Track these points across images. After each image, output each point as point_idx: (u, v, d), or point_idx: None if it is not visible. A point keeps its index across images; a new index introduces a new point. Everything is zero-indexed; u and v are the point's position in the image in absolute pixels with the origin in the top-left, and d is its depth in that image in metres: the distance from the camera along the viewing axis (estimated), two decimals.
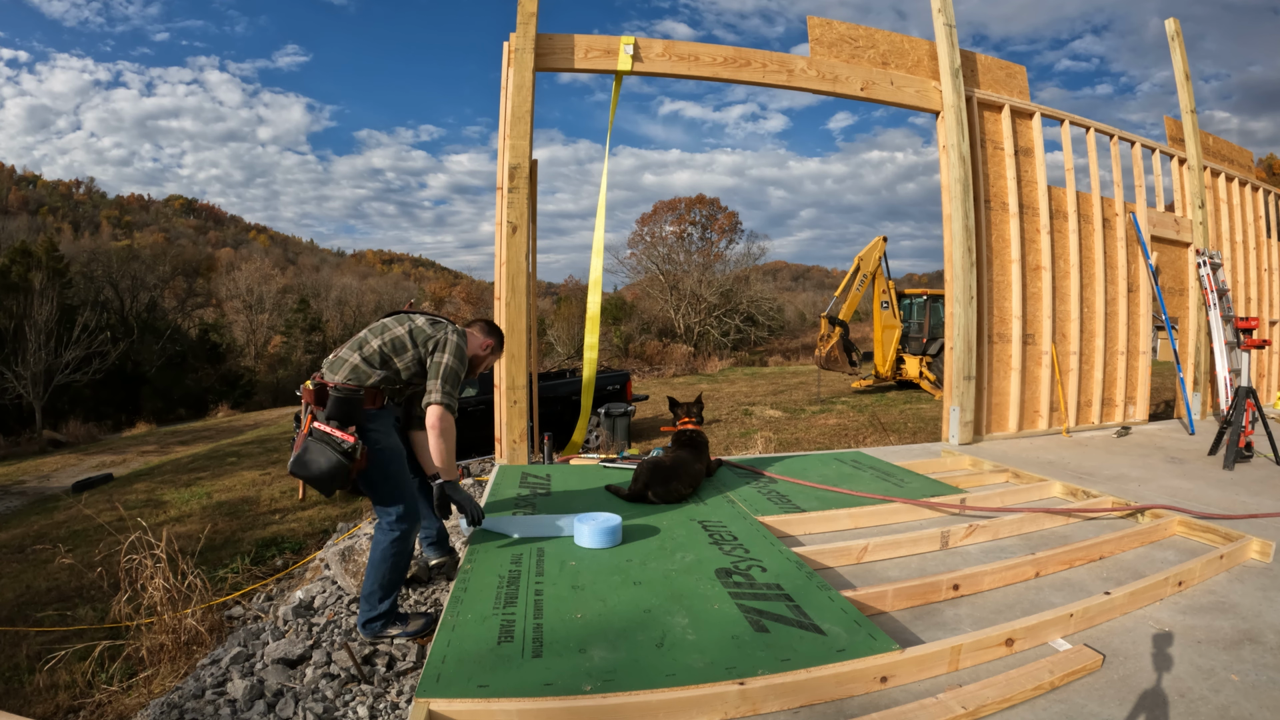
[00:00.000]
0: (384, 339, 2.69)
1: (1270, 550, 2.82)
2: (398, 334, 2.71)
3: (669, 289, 33.84)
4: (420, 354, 2.70)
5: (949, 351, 5.57)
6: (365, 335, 2.71)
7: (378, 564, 2.58)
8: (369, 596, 2.61)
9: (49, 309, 21.83)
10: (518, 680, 1.74)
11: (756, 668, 1.81)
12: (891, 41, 5.54)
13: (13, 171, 70.61)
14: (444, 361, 2.65)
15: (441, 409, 2.62)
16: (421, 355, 2.70)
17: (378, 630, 2.62)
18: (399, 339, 2.70)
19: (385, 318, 2.82)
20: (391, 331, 2.71)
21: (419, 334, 2.72)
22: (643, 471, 3.46)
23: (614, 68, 4.75)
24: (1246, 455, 4.86)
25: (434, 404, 2.61)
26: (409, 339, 2.71)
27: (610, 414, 9.21)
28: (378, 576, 2.58)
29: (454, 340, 2.71)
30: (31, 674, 3.62)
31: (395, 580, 2.61)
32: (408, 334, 2.71)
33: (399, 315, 2.82)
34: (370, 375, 2.60)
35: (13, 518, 9.16)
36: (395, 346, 2.69)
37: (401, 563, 2.61)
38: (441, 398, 2.62)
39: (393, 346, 2.69)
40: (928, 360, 15.22)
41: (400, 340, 2.70)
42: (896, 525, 3.33)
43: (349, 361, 2.62)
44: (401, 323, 2.76)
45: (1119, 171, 6.47)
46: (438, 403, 2.60)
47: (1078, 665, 1.91)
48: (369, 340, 2.68)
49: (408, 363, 2.70)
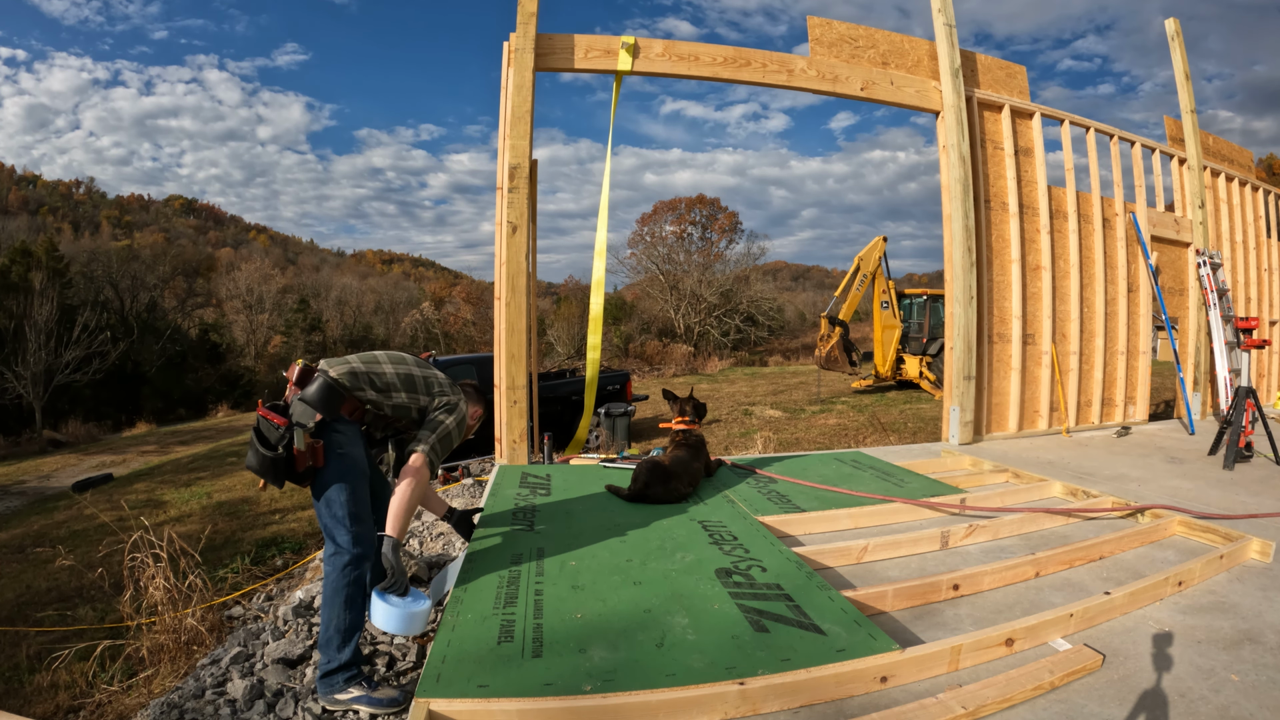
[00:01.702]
0: (399, 370, 2.56)
1: (1270, 550, 2.82)
2: (415, 375, 2.59)
3: (669, 289, 33.85)
4: (424, 404, 2.58)
5: (949, 351, 5.57)
6: (379, 355, 2.61)
7: (330, 600, 2.27)
8: (327, 644, 2.23)
9: (49, 309, 21.83)
10: (518, 680, 1.74)
11: (756, 668, 1.81)
12: (891, 41, 5.54)
13: (13, 171, 70.65)
14: (447, 423, 2.53)
15: (425, 459, 2.45)
16: (425, 406, 2.57)
17: (337, 686, 2.18)
18: (414, 379, 2.58)
19: (400, 352, 2.70)
20: (410, 369, 2.59)
21: (435, 386, 2.61)
22: (642, 472, 3.46)
23: (614, 68, 4.75)
24: (1246, 455, 4.86)
25: (419, 451, 2.44)
26: (424, 385, 2.59)
27: (610, 414, 9.21)
28: (332, 617, 2.25)
29: (462, 410, 2.61)
30: (32, 674, 3.62)
31: (355, 621, 2.27)
32: (423, 380, 2.59)
33: (420, 361, 2.72)
34: (361, 390, 2.46)
35: (13, 518, 9.16)
36: (406, 383, 2.56)
37: (358, 598, 2.29)
38: (429, 449, 2.46)
39: (405, 382, 2.55)
40: (928, 360, 15.23)
41: (414, 381, 2.58)
42: (896, 525, 3.33)
43: (351, 366, 2.50)
44: (424, 368, 2.65)
45: (1119, 171, 6.48)
46: (424, 452, 2.44)
47: (1078, 665, 1.91)
48: (381, 363, 2.56)
49: (404, 404, 2.55)
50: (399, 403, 2.54)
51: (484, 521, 3.10)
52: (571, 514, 3.23)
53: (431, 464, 2.45)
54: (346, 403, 2.43)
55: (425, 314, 34.84)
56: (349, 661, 2.21)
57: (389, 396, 2.52)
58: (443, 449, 2.52)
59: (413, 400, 2.57)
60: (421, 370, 2.63)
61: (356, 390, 2.44)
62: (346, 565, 2.29)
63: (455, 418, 2.57)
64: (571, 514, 3.23)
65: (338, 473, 2.34)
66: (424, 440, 2.46)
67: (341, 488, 2.34)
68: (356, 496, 2.36)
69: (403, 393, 2.55)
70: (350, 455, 2.39)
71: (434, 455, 2.48)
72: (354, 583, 2.30)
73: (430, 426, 2.50)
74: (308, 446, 2.30)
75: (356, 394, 2.44)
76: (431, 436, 2.49)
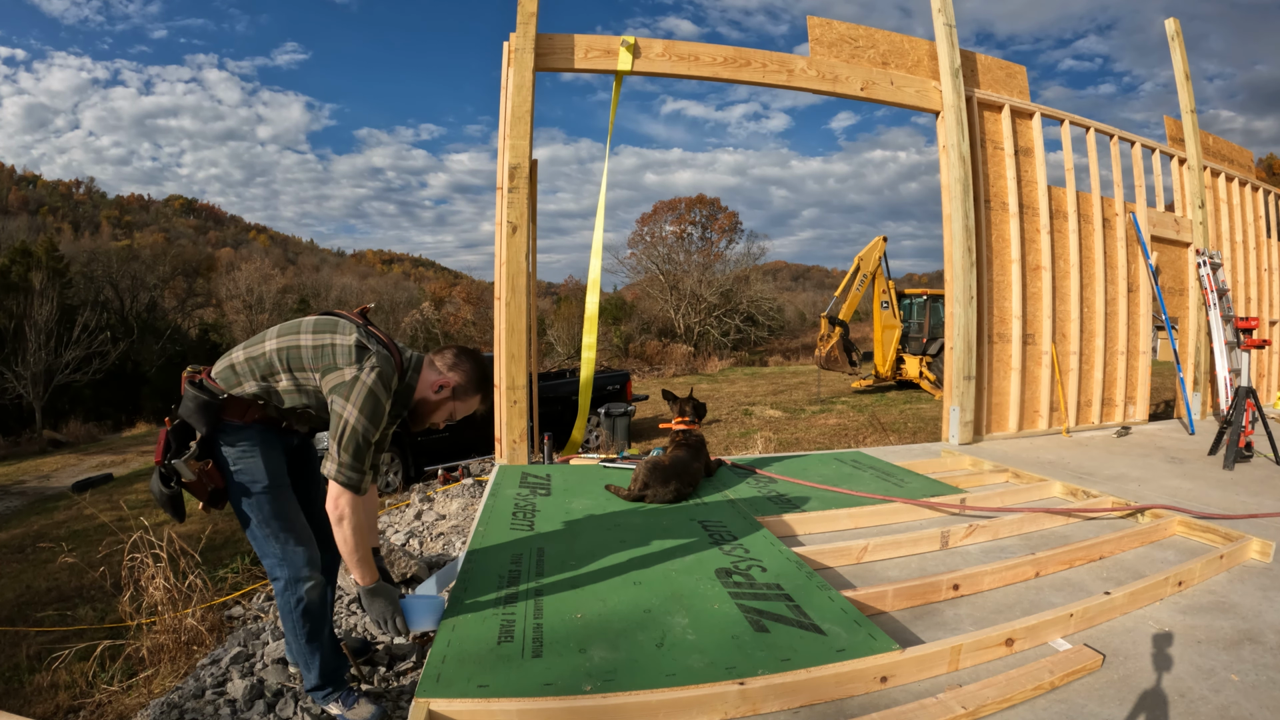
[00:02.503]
0: (281, 345, 2.02)
1: (1270, 550, 2.82)
2: (299, 345, 2.01)
3: (669, 289, 33.85)
4: (317, 385, 1.99)
5: (949, 351, 5.57)
6: (267, 332, 2.09)
7: (288, 629, 2.10)
8: (306, 664, 2.13)
9: (49, 309, 21.85)
10: (518, 680, 1.74)
11: (756, 668, 1.81)
12: (891, 41, 5.54)
13: (13, 171, 70.72)
14: (346, 417, 1.88)
15: (339, 489, 1.89)
16: (319, 388, 1.98)
17: (319, 700, 2.18)
18: (297, 352, 2.00)
19: (313, 315, 2.13)
20: (295, 340, 2.02)
21: (324, 356, 1.97)
22: (642, 472, 3.46)
23: (614, 68, 4.75)
24: (1246, 455, 4.86)
25: (329, 478, 1.90)
26: (309, 357, 1.99)
27: (610, 414, 9.22)
28: (295, 643, 2.10)
29: (367, 382, 1.90)
30: (32, 674, 3.62)
31: (313, 649, 2.08)
32: (314, 351, 1.99)
33: (330, 318, 2.10)
34: (242, 384, 2.01)
35: (13, 518, 9.16)
36: (290, 360, 2.00)
37: (310, 624, 2.06)
38: (338, 470, 1.88)
39: (287, 359, 2.00)
40: (928, 360, 15.23)
41: (297, 354, 2.00)
42: (896, 525, 3.33)
43: (230, 358, 2.06)
44: (321, 332, 2.03)
45: (1119, 171, 6.48)
46: (333, 478, 1.89)
47: (1078, 665, 1.91)
48: (266, 340, 2.05)
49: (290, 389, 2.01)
50: (286, 388, 2.02)
51: (484, 521, 3.10)
52: (571, 514, 3.23)
53: (348, 484, 1.90)
54: (231, 406, 2.01)
55: (425, 314, 34.84)
56: (320, 684, 2.14)
57: (272, 383, 2.02)
58: (357, 454, 1.90)
59: (302, 382, 2.01)
60: (319, 338, 2.01)
61: (235, 387, 2.01)
62: (284, 591, 2.05)
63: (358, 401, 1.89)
64: (571, 514, 3.23)
65: (241, 490, 2.02)
66: (327, 460, 1.90)
67: (252, 506, 2.02)
68: (277, 510, 2.04)
69: (284, 374, 2.01)
70: (252, 467, 2.02)
71: (348, 473, 1.89)
72: (299, 608, 2.05)
73: (331, 429, 1.91)
74: (198, 473, 1.96)
75: (235, 392, 2.01)
76: (333, 446, 1.89)
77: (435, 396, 2.13)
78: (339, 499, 1.90)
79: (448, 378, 2.13)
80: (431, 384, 2.12)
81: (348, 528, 1.92)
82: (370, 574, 2.02)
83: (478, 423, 2.90)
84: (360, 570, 1.98)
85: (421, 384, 2.12)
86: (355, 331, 2.02)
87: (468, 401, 2.17)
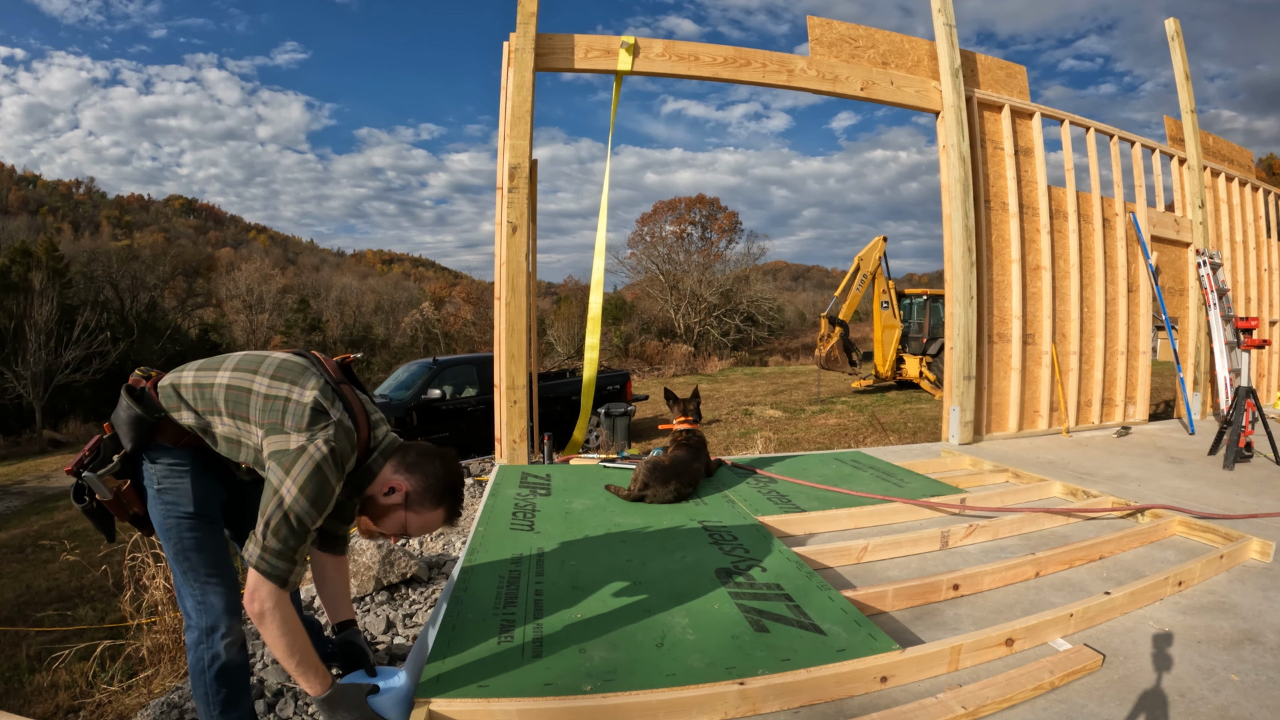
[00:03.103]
0: (233, 381, 1.70)
1: (1270, 550, 2.82)
2: (250, 390, 1.68)
3: (669, 289, 33.88)
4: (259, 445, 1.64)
5: (949, 351, 5.58)
6: (229, 359, 1.80)
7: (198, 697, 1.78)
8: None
9: (49, 309, 21.85)
10: (518, 680, 1.74)
11: (756, 668, 1.81)
12: (891, 41, 5.54)
13: (12, 171, 70.69)
14: (282, 494, 1.52)
15: (260, 579, 1.51)
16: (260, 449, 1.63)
17: None
18: (245, 397, 1.68)
19: (283, 354, 1.78)
20: (248, 380, 1.69)
21: (272, 412, 1.62)
22: (642, 472, 3.46)
23: (614, 68, 4.75)
24: (1246, 455, 4.86)
25: (250, 565, 1.53)
26: (257, 408, 1.66)
27: (610, 414, 9.22)
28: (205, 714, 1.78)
29: (315, 457, 1.54)
30: (32, 674, 3.63)
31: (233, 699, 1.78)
32: (263, 401, 1.65)
33: (298, 364, 1.73)
34: (180, 411, 1.74)
35: (13, 518, 9.16)
36: (234, 405, 1.69)
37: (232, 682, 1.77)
38: (261, 557, 1.52)
39: (233, 402, 1.69)
40: (928, 360, 15.24)
41: (245, 400, 1.67)
42: (896, 525, 3.33)
43: (180, 376, 1.78)
44: (280, 379, 1.67)
45: (1119, 171, 6.48)
46: (254, 565, 1.52)
47: (1078, 665, 1.91)
48: (220, 370, 1.75)
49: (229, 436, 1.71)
50: (224, 434, 1.71)
51: (484, 521, 3.10)
52: (571, 514, 3.23)
53: (272, 574, 1.52)
54: (167, 428, 1.75)
55: (425, 314, 34.86)
56: None
57: (210, 421, 1.72)
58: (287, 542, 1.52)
59: (242, 434, 1.69)
60: (274, 386, 1.66)
61: (173, 410, 1.74)
62: (196, 644, 1.76)
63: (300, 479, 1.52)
64: (571, 514, 3.23)
65: (161, 514, 1.75)
66: (250, 543, 1.54)
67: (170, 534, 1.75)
68: (199, 543, 1.76)
69: (225, 418, 1.70)
70: (178, 489, 1.75)
71: (272, 562, 1.52)
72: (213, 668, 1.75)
73: (263, 505, 1.53)
74: (114, 491, 1.73)
75: (173, 415, 1.74)
76: (260, 527, 1.52)
77: (384, 500, 1.72)
78: (258, 590, 1.51)
79: (399, 481, 1.71)
80: (382, 484, 1.72)
81: (273, 627, 1.52)
82: (318, 681, 1.58)
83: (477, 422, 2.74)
84: (304, 678, 1.57)
85: (377, 479, 1.72)
86: (318, 388, 1.65)
87: (423, 515, 1.72)
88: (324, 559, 1.93)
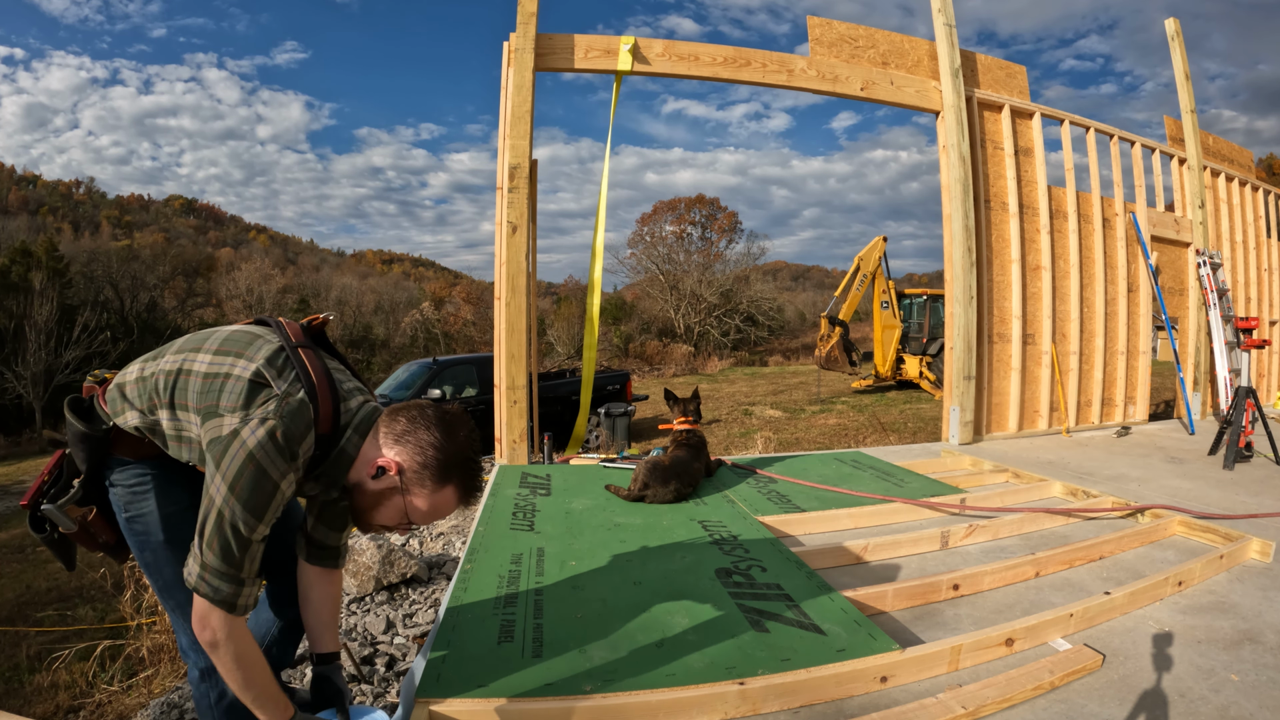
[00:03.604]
0: (174, 364, 1.43)
1: (1270, 550, 2.82)
2: (190, 370, 1.40)
3: (669, 289, 33.89)
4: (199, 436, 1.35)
5: (949, 351, 5.58)
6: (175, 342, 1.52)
7: None
8: None
9: (49, 309, 21.87)
10: (518, 680, 1.74)
11: (756, 668, 1.81)
12: (891, 41, 5.54)
13: (12, 171, 70.65)
14: (213, 495, 1.25)
15: (206, 606, 1.27)
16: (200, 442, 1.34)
17: None
18: (185, 379, 1.40)
19: (241, 324, 1.54)
20: (191, 359, 1.42)
21: (209, 393, 1.35)
22: (642, 472, 3.46)
23: (614, 68, 4.75)
24: (1246, 455, 4.86)
25: (191, 589, 1.28)
26: (195, 390, 1.38)
27: (610, 414, 9.23)
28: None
29: (249, 444, 1.25)
30: (32, 674, 3.62)
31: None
32: (202, 381, 1.37)
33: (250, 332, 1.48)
34: (124, 413, 1.46)
35: (13, 518, 9.16)
36: (175, 390, 1.41)
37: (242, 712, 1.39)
38: (200, 577, 1.26)
39: (172, 387, 1.41)
40: (928, 360, 15.25)
41: (184, 382, 1.40)
42: (896, 525, 3.33)
43: (127, 374, 1.50)
44: (225, 353, 1.41)
45: (1119, 171, 6.48)
46: (194, 588, 1.27)
47: (1078, 665, 1.91)
48: (164, 354, 1.48)
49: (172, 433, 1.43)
50: (168, 430, 1.43)
51: (484, 521, 3.10)
52: (571, 514, 3.24)
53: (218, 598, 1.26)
54: (122, 441, 1.48)
55: (425, 314, 34.86)
56: None
57: (156, 418, 1.44)
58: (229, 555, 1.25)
59: (183, 427, 1.42)
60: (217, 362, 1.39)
61: (119, 415, 1.47)
62: (200, 681, 1.60)
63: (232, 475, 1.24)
64: (571, 514, 3.24)
65: (137, 545, 1.52)
66: (190, 554, 1.28)
67: (151, 566, 1.53)
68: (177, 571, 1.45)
69: (165, 410, 1.42)
70: (146, 514, 1.50)
71: (216, 581, 1.25)
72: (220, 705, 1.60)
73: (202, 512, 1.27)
74: (78, 522, 1.50)
75: (119, 421, 1.47)
76: (197, 541, 1.27)
77: (373, 485, 1.37)
78: (206, 617, 1.27)
79: (388, 458, 1.36)
80: (367, 464, 1.38)
81: (226, 659, 1.29)
82: (278, 714, 1.35)
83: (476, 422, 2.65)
84: (262, 712, 1.34)
85: (359, 459, 1.39)
86: (266, 357, 1.37)
87: (427, 498, 1.37)
88: (308, 573, 1.59)
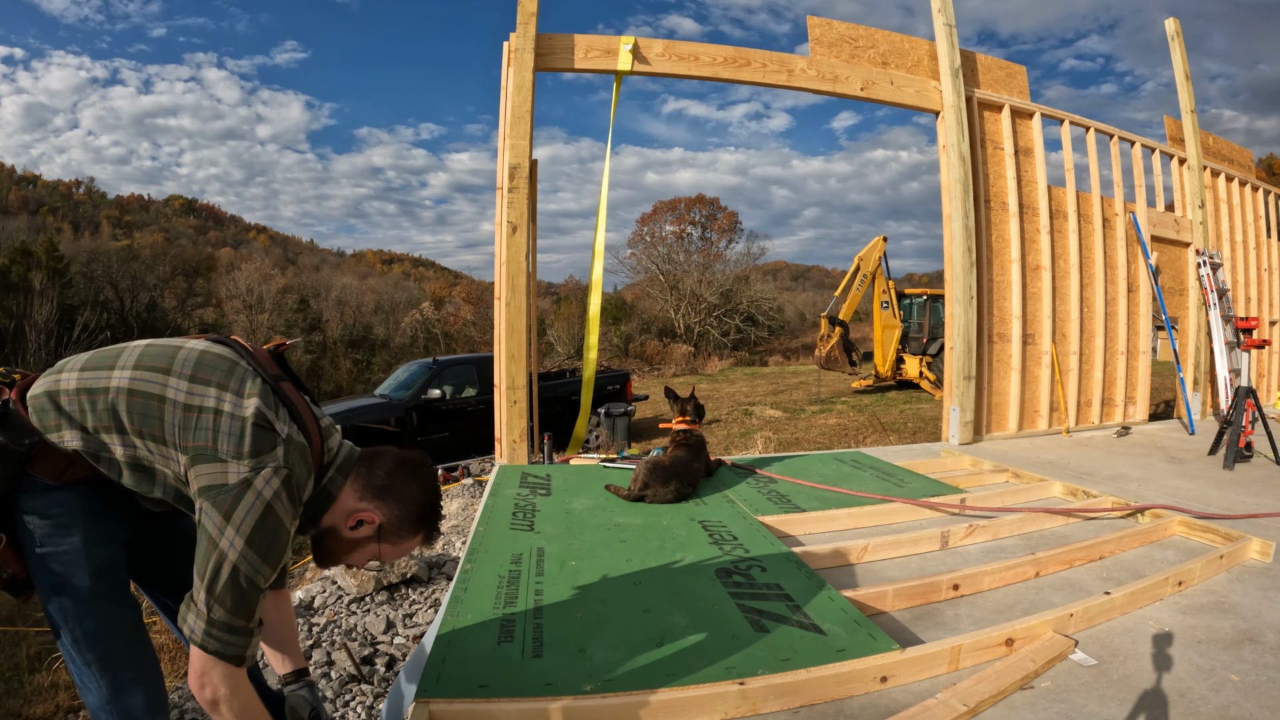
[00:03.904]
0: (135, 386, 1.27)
1: (1270, 550, 2.82)
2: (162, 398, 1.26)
3: (669, 289, 33.88)
4: (180, 474, 1.26)
5: (949, 351, 5.58)
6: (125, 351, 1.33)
7: None
8: None
9: (49, 309, 21.88)
10: (518, 680, 1.74)
11: (756, 668, 1.81)
12: (891, 41, 5.54)
13: (12, 171, 70.57)
14: (223, 547, 1.17)
15: (210, 661, 1.19)
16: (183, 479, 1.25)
17: None
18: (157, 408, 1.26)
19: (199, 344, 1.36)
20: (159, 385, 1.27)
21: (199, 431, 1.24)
22: (642, 472, 3.46)
23: (614, 68, 4.75)
24: (1246, 455, 4.86)
25: (194, 643, 1.19)
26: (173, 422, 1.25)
27: (610, 414, 9.23)
28: None
29: (265, 496, 1.20)
30: (31, 674, 3.62)
31: None
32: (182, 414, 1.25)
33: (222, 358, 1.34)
34: (61, 430, 1.27)
35: None
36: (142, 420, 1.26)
37: None
38: (208, 632, 1.18)
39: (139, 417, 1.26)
40: (928, 360, 15.25)
41: (157, 413, 1.26)
42: (896, 525, 3.33)
43: (58, 379, 1.31)
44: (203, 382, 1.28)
45: (1119, 171, 6.48)
46: (199, 644, 1.18)
47: (1055, 652, 1.97)
48: (115, 369, 1.30)
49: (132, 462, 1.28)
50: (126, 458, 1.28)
51: (484, 521, 3.11)
52: (571, 514, 3.24)
53: (225, 653, 1.19)
54: (44, 457, 1.28)
55: (425, 314, 34.85)
56: None
57: (106, 442, 1.27)
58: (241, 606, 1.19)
59: (155, 460, 1.28)
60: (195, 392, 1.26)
61: (51, 430, 1.27)
62: None
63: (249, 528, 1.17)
64: (571, 514, 3.24)
65: (50, 587, 1.30)
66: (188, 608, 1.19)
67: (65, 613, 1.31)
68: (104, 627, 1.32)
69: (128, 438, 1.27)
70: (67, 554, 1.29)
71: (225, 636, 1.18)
72: None
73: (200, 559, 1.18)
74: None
75: (52, 438, 1.27)
76: (201, 590, 1.18)
77: (350, 534, 1.39)
78: (209, 674, 1.18)
79: (369, 511, 1.38)
80: (346, 514, 1.38)
81: (229, 714, 1.21)
82: None
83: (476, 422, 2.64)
84: None
85: (338, 504, 1.38)
86: (258, 394, 1.27)
87: (398, 545, 1.43)
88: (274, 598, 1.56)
